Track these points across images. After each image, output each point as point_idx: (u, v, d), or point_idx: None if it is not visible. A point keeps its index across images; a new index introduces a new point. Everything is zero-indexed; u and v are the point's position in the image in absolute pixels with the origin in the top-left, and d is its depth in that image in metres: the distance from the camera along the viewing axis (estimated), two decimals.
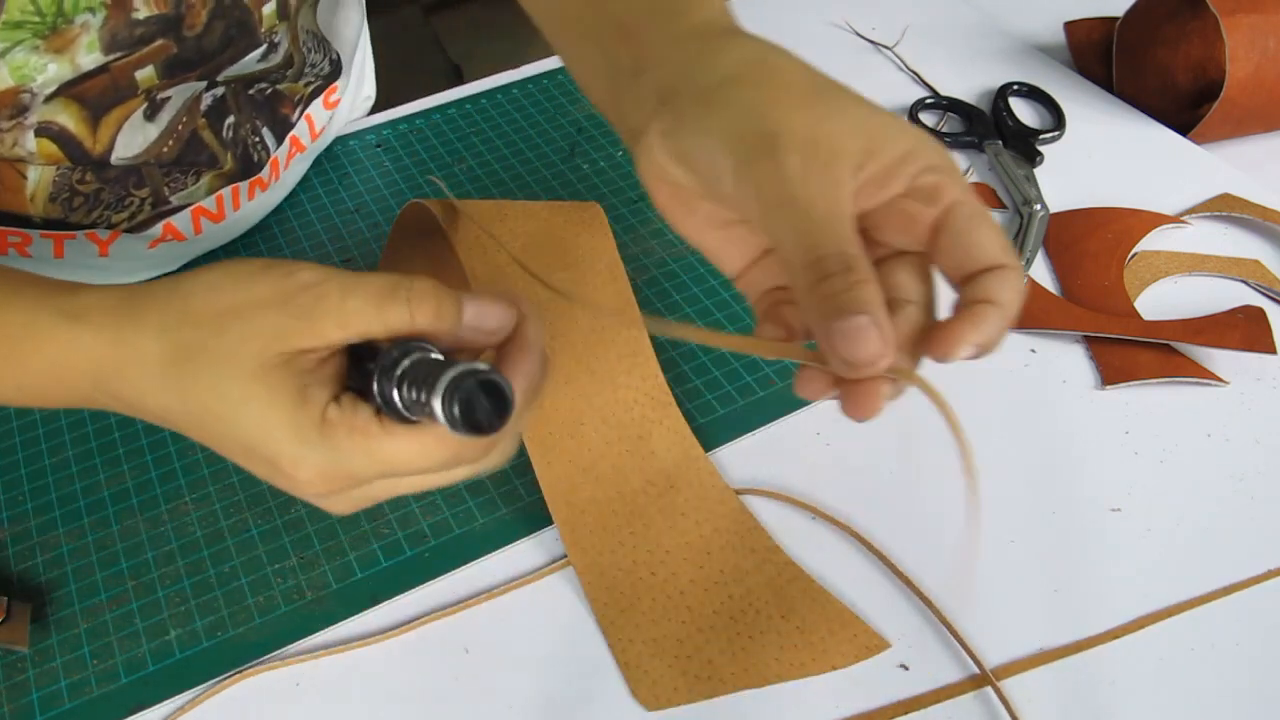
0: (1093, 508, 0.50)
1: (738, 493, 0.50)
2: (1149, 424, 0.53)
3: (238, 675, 0.44)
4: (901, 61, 0.78)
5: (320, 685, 0.44)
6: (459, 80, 0.82)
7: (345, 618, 0.46)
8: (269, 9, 0.55)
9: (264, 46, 0.56)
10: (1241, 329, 0.56)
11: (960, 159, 0.70)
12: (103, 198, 0.55)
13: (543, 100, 0.76)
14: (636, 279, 0.61)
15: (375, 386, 0.33)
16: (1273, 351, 0.55)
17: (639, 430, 0.51)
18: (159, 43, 0.51)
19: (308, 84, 0.63)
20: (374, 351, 0.33)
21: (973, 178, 0.69)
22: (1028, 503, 0.50)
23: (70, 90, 0.50)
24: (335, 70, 0.65)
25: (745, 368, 0.56)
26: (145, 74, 0.52)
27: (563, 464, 0.49)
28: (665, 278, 0.61)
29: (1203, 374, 0.55)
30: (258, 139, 0.61)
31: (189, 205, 0.59)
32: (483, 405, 0.30)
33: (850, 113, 0.34)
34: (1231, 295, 0.60)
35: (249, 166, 0.60)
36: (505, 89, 0.77)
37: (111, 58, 0.49)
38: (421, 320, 0.33)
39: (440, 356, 0.33)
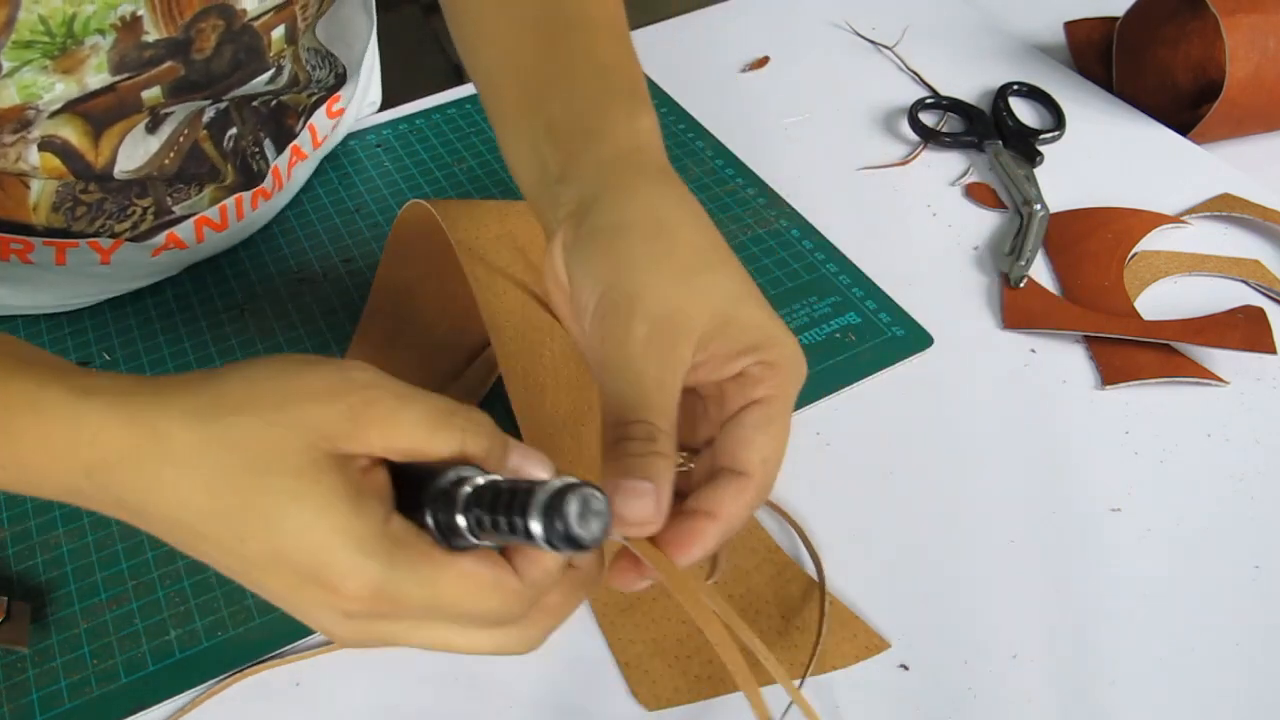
0: (1093, 508, 0.50)
1: None
2: (1149, 424, 0.53)
3: (238, 675, 0.44)
4: (901, 61, 0.78)
5: (320, 685, 0.44)
6: (459, 80, 0.82)
7: None
8: (278, 34, 0.55)
9: (271, 70, 0.56)
10: (1241, 329, 0.56)
11: (960, 159, 0.70)
12: (105, 207, 0.56)
13: None
14: None
15: (429, 509, 0.31)
16: (1273, 351, 0.55)
17: None
18: (167, 65, 0.51)
19: (310, 95, 0.63)
20: (412, 478, 0.32)
21: (973, 177, 0.69)
22: (1028, 503, 0.50)
23: (75, 107, 0.50)
24: (340, 81, 0.65)
25: None
26: (151, 94, 0.52)
27: (564, 465, 0.49)
28: None
29: (1203, 374, 0.55)
30: (258, 149, 0.61)
31: (192, 215, 0.59)
32: (591, 519, 0.29)
33: (712, 292, 0.36)
34: (1231, 295, 0.60)
35: (250, 177, 0.60)
36: None
37: (119, 78, 0.49)
38: (472, 450, 0.31)
39: (507, 481, 0.32)
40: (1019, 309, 0.59)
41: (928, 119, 0.73)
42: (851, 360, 0.56)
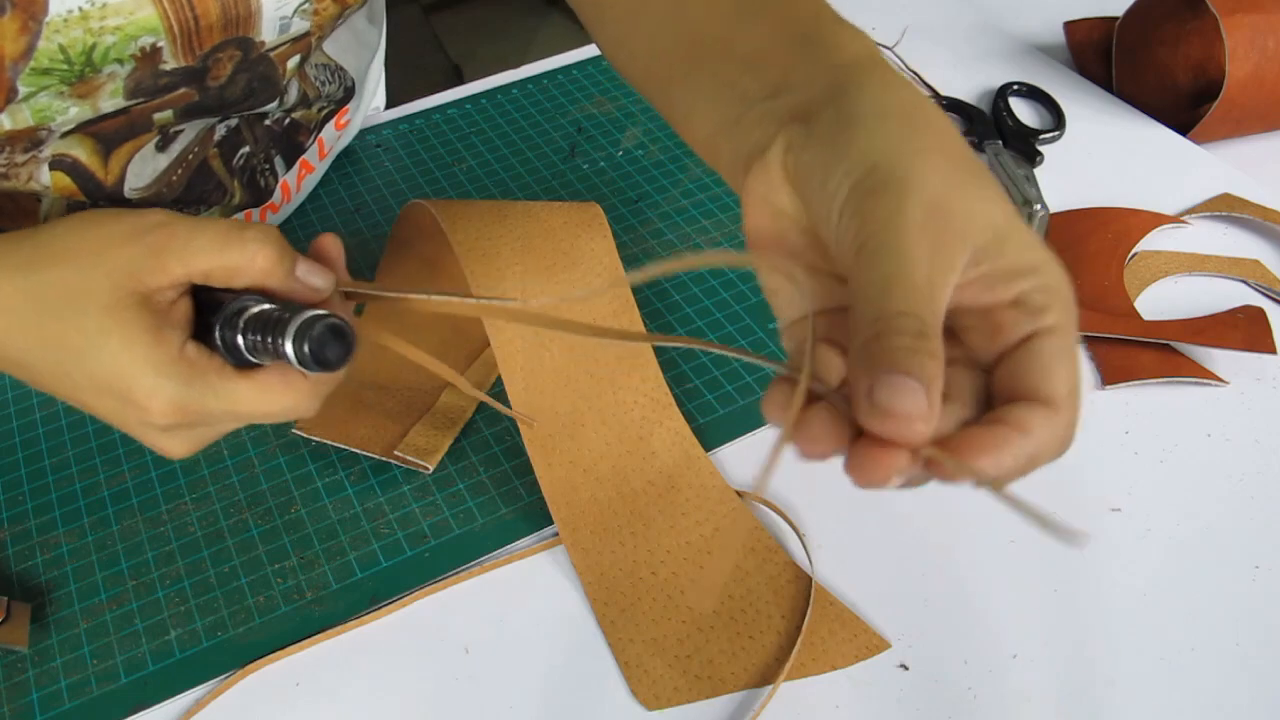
0: (1093, 508, 0.50)
1: (739, 495, 0.50)
2: (1149, 424, 0.53)
3: (237, 675, 0.44)
4: (902, 61, 0.78)
5: (320, 685, 0.44)
6: (459, 80, 0.83)
7: (345, 618, 0.46)
8: (293, 63, 0.54)
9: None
10: (1241, 329, 0.56)
11: None
12: None
13: (543, 100, 0.76)
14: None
15: (218, 333, 0.36)
16: (1273, 351, 0.55)
17: (639, 431, 0.51)
18: (181, 91, 0.51)
19: (321, 110, 0.64)
20: (214, 307, 0.37)
21: None
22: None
23: (87, 128, 0.50)
24: (348, 95, 0.66)
25: (745, 368, 0.56)
26: (163, 115, 0.52)
27: (563, 465, 0.49)
28: (665, 278, 0.61)
29: (1203, 374, 0.55)
30: (268, 166, 0.61)
31: None
32: (332, 345, 0.34)
33: (989, 202, 0.31)
34: (1231, 295, 0.60)
35: (258, 194, 0.61)
36: (505, 89, 0.77)
37: (133, 103, 0.50)
38: (261, 262, 0.35)
39: (275, 309, 0.36)
40: None
41: None
42: None
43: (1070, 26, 0.79)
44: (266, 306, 0.36)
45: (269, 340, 0.35)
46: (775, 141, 0.34)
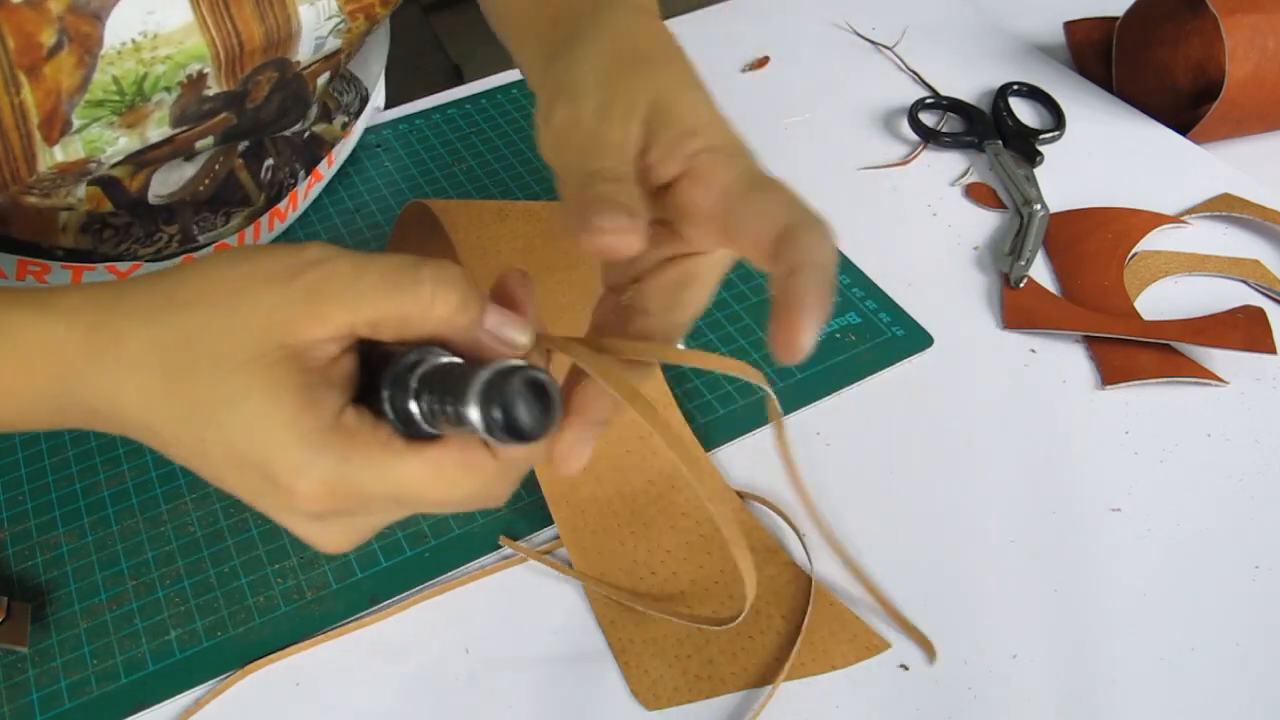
0: (1093, 508, 0.50)
1: (739, 495, 0.50)
2: (1149, 424, 0.53)
3: (237, 675, 0.44)
4: (901, 61, 0.78)
5: (320, 685, 0.44)
6: (459, 80, 0.83)
7: (345, 618, 0.46)
8: (323, 80, 0.55)
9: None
10: (1241, 329, 0.56)
11: (960, 159, 0.70)
12: (133, 231, 0.56)
13: None
14: None
15: (385, 396, 0.29)
16: (1273, 351, 0.55)
17: (639, 430, 0.51)
18: (222, 115, 0.51)
19: (342, 124, 0.64)
20: (382, 362, 0.30)
21: (973, 178, 0.69)
22: (1028, 503, 0.50)
23: (134, 158, 0.51)
24: (363, 104, 0.66)
25: None
26: (205, 142, 0.53)
27: None
28: None
29: (1203, 374, 0.55)
30: (293, 180, 0.62)
31: (214, 241, 0.59)
32: (528, 407, 0.26)
33: (657, 79, 0.35)
34: (1231, 295, 0.60)
35: (277, 201, 0.61)
36: (505, 89, 0.77)
37: (178, 130, 0.50)
38: (441, 309, 0.29)
39: (457, 362, 0.29)
40: (1019, 309, 0.59)
41: (928, 119, 0.73)
42: (851, 360, 0.56)
43: (1070, 26, 0.79)
44: (446, 360, 0.29)
45: (448, 403, 0.27)
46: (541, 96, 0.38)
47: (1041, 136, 0.70)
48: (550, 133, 0.36)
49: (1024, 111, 0.73)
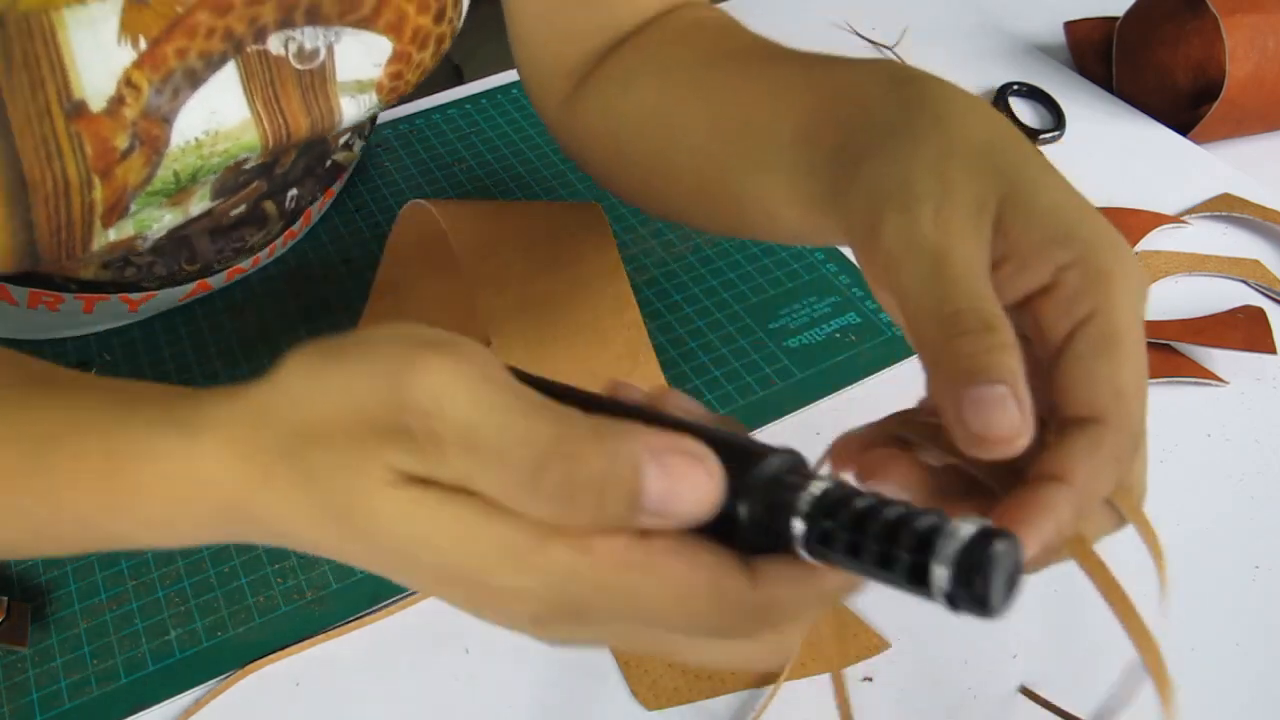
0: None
1: None
2: (1149, 424, 0.53)
3: (237, 675, 0.44)
4: (902, 61, 0.78)
5: (320, 685, 0.44)
6: (459, 80, 0.83)
7: (345, 618, 0.46)
8: (345, 138, 0.55)
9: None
10: (1242, 329, 0.56)
11: None
12: (155, 271, 0.56)
13: None
14: (636, 279, 0.61)
15: (744, 508, 0.24)
16: (1273, 351, 0.55)
17: None
18: (255, 185, 0.52)
19: (361, 150, 0.65)
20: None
21: None
22: None
23: (175, 232, 0.51)
24: (374, 125, 0.66)
25: (745, 368, 0.56)
26: (238, 211, 0.54)
27: None
28: (665, 278, 0.61)
29: (1203, 374, 0.55)
30: (311, 201, 0.62)
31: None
32: (1005, 580, 0.22)
33: (1004, 159, 0.30)
34: (1231, 295, 0.60)
35: (291, 224, 0.62)
36: (505, 89, 0.77)
37: (216, 203, 0.50)
38: (567, 519, 0.24)
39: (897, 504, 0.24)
40: None
41: None
42: (851, 360, 0.56)
43: (1070, 26, 0.79)
44: (846, 484, 0.25)
45: (885, 550, 0.23)
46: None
47: (1041, 136, 0.70)
48: (881, 254, 0.29)
49: (1024, 111, 0.73)
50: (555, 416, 0.24)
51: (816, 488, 0.24)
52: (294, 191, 0.59)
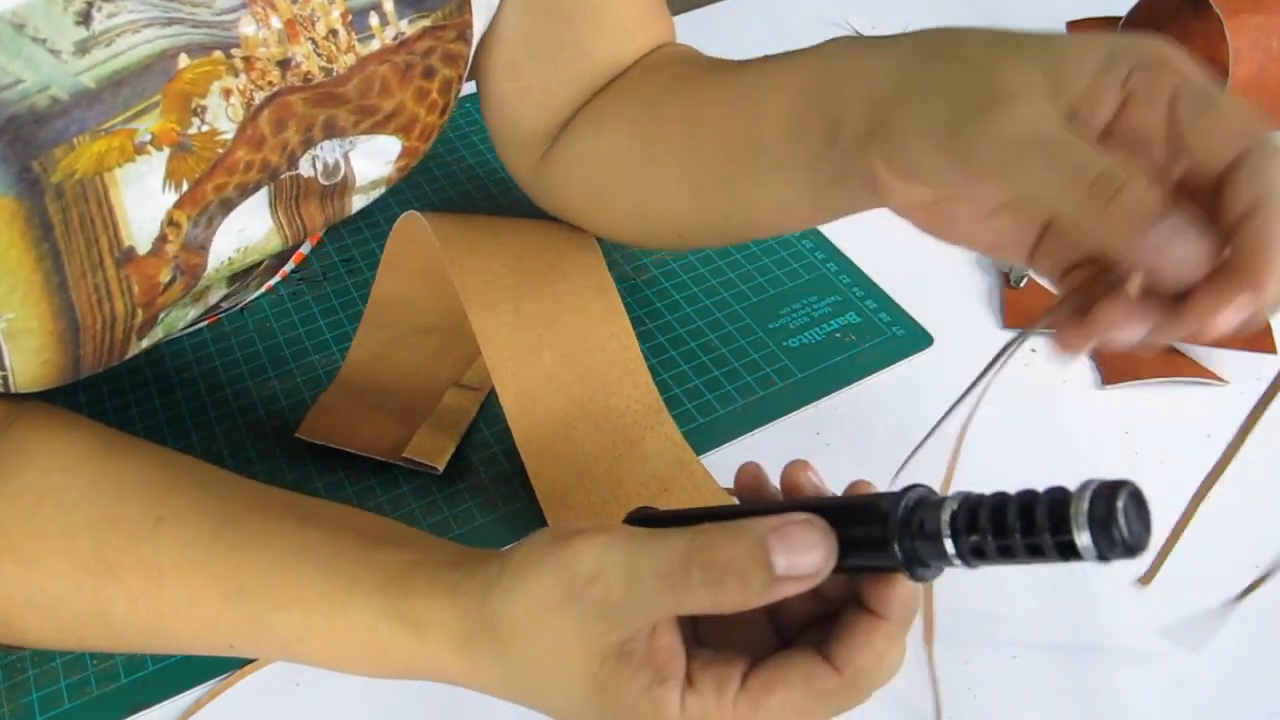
0: None
1: (729, 491, 0.50)
2: (1149, 424, 0.53)
3: (238, 675, 0.44)
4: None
5: (320, 685, 0.44)
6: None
7: None
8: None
9: None
10: (1242, 328, 0.56)
11: None
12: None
13: None
14: (637, 278, 0.61)
15: (898, 548, 0.28)
16: (1273, 351, 0.55)
17: (631, 436, 0.51)
18: (267, 264, 0.54)
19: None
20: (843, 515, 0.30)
21: None
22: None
23: (198, 321, 0.52)
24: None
25: (745, 368, 0.56)
26: (256, 284, 0.55)
27: (557, 468, 0.49)
28: (665, 277, 0.61)
29: (1203, 374, 0.55)
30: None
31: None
32: (1141, 519, 0.25)
33: (1035, 55, 0.33)
34: None
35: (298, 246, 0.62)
36: None
37: (233, 288, 0.51)
38: (727, 601, 0.29)
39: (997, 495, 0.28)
40: (1020, 309, 0.58)
41: None
42: (851, 360, 0.56)
43: (1073, 27, 0.79)
44: (968, 494, 0.28)
45: (1030, 537, 0.26)
46: (874, 166, 0.37)
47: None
48: (988, 147, 0.32)
49: None
50: (687, 532, 0.30)
51: (947, 511, 0.28)
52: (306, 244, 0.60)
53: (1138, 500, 0.25)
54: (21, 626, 0.39)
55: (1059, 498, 0.26)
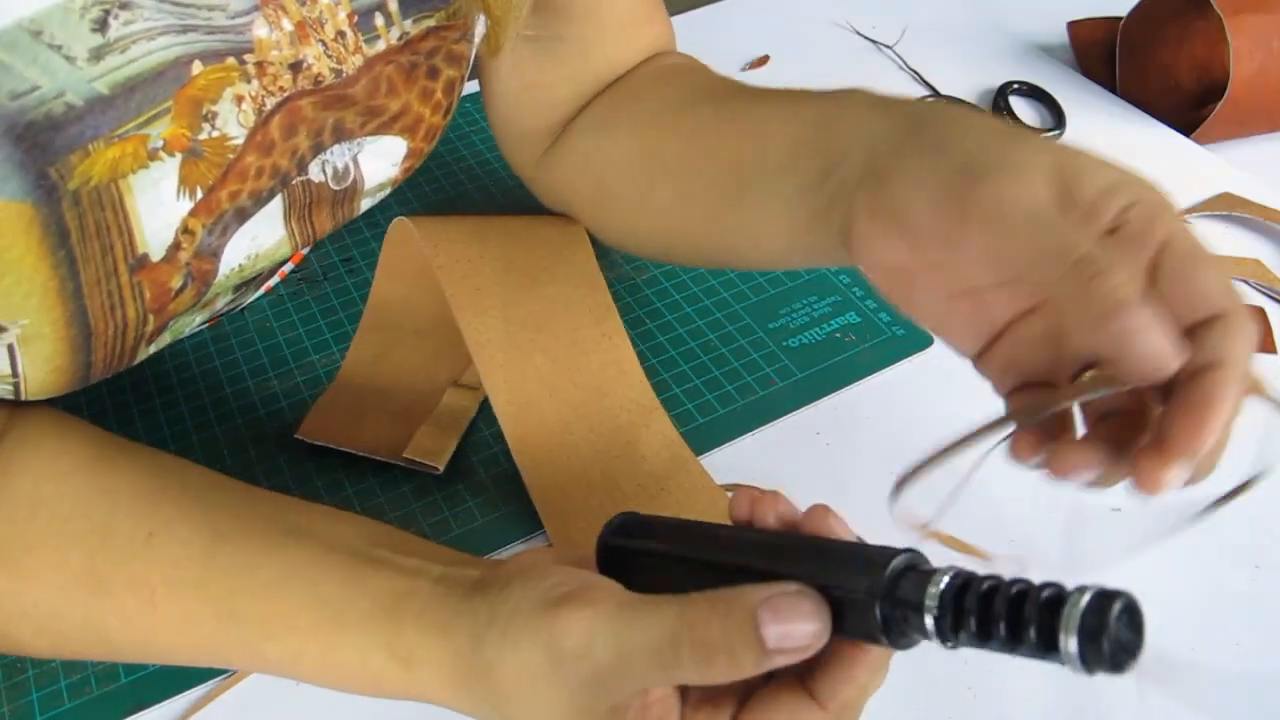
0: (1093, 508, 0.49)
1: (726, 489, 0.50)
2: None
3: (237, 675, 0.44)
4: (902, 60, 0.78)
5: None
6: None
7: None
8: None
9: None
10: None
11: None
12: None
13: None
14: (637, 278, 0.61)
15: (879, 614, 0.28)
16: (1273, 351, 0.55)
17: (627, 436, 0.51)
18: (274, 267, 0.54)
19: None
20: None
21: None
22: (1027, 503, 0.50)
23: (201, 326, 0.52)
24: None
25: (745, 368, 0.56)
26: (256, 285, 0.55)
27: (552, 474, 0.49)
28: (665, 277, 0.61)
29: None
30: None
31: None
32: (1131, 636, 0.25)
33: (1048, 147, 0.34)
34: None
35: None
36: None
37: (239, 294, 0.51)
38: (718, 676, 0.29)
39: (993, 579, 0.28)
40: None
41: None
42: (851, 360, 0.56)
43: (1074, 26, 0.79)
44: (967, 571, 0.28)
45: (1014, 629, 0.26)
46: (856, 209, 0.37)
47: (1041, 136, 0.70)
48: (975, 218, 0.33)
49: (1024, 110, 0.73)
50: (675, 603, 0.30)
51: (936, 585, 0.27)
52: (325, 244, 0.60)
53: (1132, 613, 0.25)
54: (17, 638, 0.39)
55: (1052, 597, 0.26)
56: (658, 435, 0.51)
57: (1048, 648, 0.25)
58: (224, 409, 0.54)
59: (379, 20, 0.43)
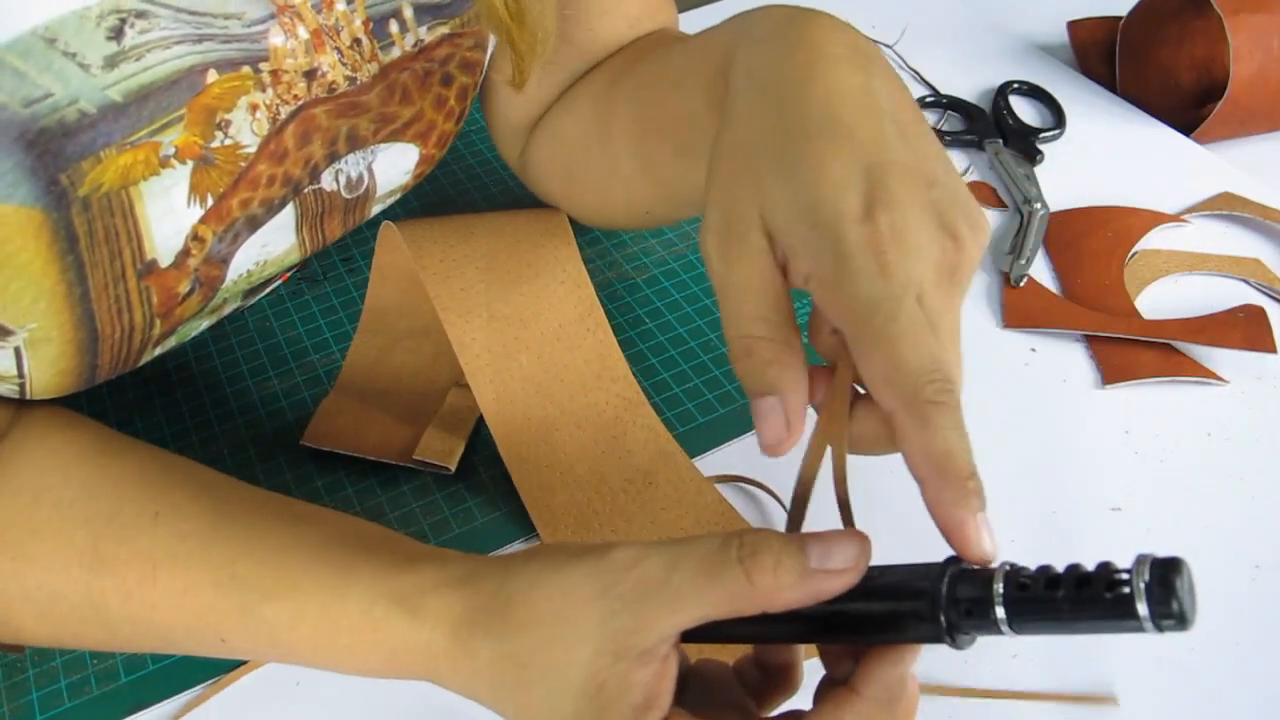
0: (1093, 508, 0.49)
1: (714, 481, 0.50)
2: (1149, 424, 0.53)
3: (238, 675, 0.44)
4: (902, 60, 0.78)
5: (320, 685, 0.44)
6: None
7: None
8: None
9: None
10: (1242, 328, 0.56)
11: (961, 157, 0.70)
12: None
13: None
14: (636, 277, 0.61)
15: (945, 621, 0.30)
16: (1273, 351, 0.55)
17: (613, 431, 0.51)
18: (282, 273, 0.54)
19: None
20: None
21: (973, 176, 0.69)
22: (1027, 503, 0.50)
23: (209, 330, 0.52)
24: None
25: None
26: (267, 295, 0.55)
27: (538, 470, 0.49)
28: (665, 276, 0.61)
29: (1203, 373, 0.55)
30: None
31: None
32: (1190, 592, 0.27)
33: (765, 170, 0.32)
34: (1232, 294, 0.59)
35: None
36: None
37: (247, 301, 0.52)
38: (761, 581, 0.30)
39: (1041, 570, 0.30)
40: (1019, 308, 0.58)
41: (928, 117, 0.73)
42: None
43: (1074, 26, 0.79)
44: (1020, 567, 0.30)
45: (1080, 605, 0.29)
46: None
47: (1042, 135, 0.70)
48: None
49: (1024, 110, 0.73)
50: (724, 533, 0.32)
51: (998, 584, 0.30)
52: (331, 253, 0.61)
53: (1187, 575, 0.28)
54: (17, 623, 0.39)
55: (1115, 570, 0.28)
56: (644, 429, 0.51)
57: (1124, 616, 0.28)
58: (224, 409, 0.54)
59: (394, 27, 0.43)
